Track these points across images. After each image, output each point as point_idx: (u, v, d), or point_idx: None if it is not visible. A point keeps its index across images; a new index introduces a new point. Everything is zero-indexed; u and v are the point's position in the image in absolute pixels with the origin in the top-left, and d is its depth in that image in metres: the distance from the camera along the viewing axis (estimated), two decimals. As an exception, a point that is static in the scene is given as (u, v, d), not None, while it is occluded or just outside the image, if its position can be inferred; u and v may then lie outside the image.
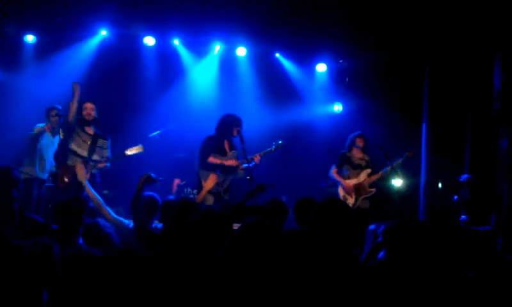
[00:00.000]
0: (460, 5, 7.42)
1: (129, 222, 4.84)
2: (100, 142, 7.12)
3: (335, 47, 9.16)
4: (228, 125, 7.12)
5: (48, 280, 2.48)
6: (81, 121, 7.05)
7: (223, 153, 7.18)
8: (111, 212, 4.71)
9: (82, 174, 5.50)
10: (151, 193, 5.00)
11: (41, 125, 7.25)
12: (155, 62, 9.16)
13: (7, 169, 4.56)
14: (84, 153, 6.96)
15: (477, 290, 2.90)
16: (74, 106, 6.83)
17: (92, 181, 6.79)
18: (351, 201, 7.37)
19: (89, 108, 7.08)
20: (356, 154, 7.56)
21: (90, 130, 7.12)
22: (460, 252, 3.54)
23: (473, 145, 7.92)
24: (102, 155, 7.09)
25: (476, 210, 7.22)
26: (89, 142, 7.02)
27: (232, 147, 7.27)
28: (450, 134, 8.17)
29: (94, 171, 7.02)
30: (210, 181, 6.74)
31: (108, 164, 7.12)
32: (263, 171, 7.64)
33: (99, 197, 4.78)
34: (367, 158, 7.60)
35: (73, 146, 6.95)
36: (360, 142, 7.55)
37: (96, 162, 6.97)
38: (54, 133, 7.30)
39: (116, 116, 7.99)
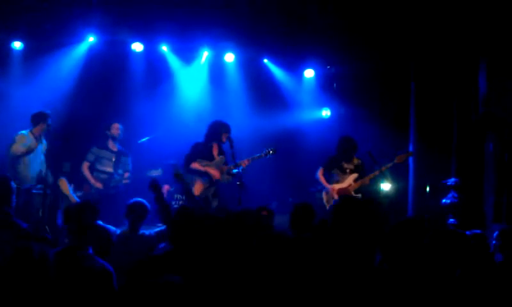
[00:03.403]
0: (446, 11, 7.52)
1: (116, 229, 4.88)
2: (123, 158, 7.83)
3: (322, 53, 9.22)
4: (217, 131, 7.26)
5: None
6: (102, 141, 7.71)
7: (210, 159, 7.25)
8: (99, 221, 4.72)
9: (65, 187, 5.61)
10: (140, 199, 5.02)
11: (25, 132, 7.21)
12: (144, 68, 9.14)
13: (5, 178, 4.50)
14: (110, 170, 7.65)
15: (467, 292, 2.94)
16: None
17: (118, 193, 7.57)
18: None
19: (116, 128, 7.77)
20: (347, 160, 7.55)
21: (114, 147, 7.78)
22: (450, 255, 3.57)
23: (460, 149, 8.00)
24: (126, 170, 7.79)
25: (464, 213, 7.30)
26: (113, 159, 7.71)
27: (220, 152, 7.33)
28: (437, 138, 8.24)
29: (120, 184, 7.65)
30: (196, 189, 6.88)
31: (129, 181, 7.75)
32: (252, 176, 7.68)
33: None
34: (355, 162, 7.56)
35: (98, 167, 7.63)
36: None
37: (121, 177, 7.65)
38: (38, 140, 7.27)
39: (105, 122, 7.97)
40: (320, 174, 7.54)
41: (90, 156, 7.66)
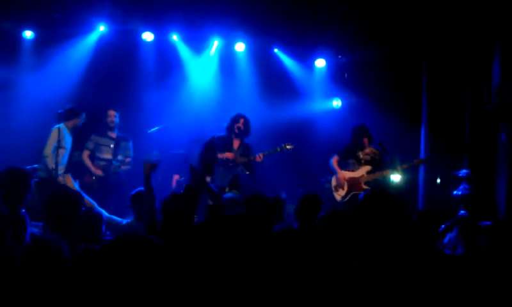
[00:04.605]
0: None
1: (121, 220, 4.91)
2: (123, 144, 7.85)
3: (333, 43, 9.14)
4: (230, 122, 7.52)
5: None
6: (101, 128, 7.76)
7: (229, 150, 7.32)
8: (104, 212, 4.74)
9: (70, 184, 5.69)
10: (142, 188, 5.03)
11: (61, 125, 7.21)
12: (154, 57, 9.13)
13: (26, 174, 4.46)
14: (109, 156, 7.70)
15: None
16: None
17: (121, 179, 7.65)
18: (341, 193, 7.29)
19: (112, 115, 7.80)
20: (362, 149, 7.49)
21: (113, 134, 7.83)
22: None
23: (472, 140, 7.91)
24: (126, 155, 7.84)
25: (475, 205, 7.22)
26: (112, 146, 7.73)
27: (243, 146, 7.48)
28: (449, 128, 8.15)
29: (121, 170, 7.74)
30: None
31: (130, 167, 7.84)
32: (262, 166, 7.67)
33: (91, 200, 4.82)
34: (371, 152, 7.45)
35: (98, 154, 7.71)
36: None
37: (120, 162, 7.73)
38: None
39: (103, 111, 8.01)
40: (334, 161, 7.52)
41: (89, 144, 7.72)
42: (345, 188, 7.27)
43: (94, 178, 7.59)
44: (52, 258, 2.53)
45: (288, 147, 7.43)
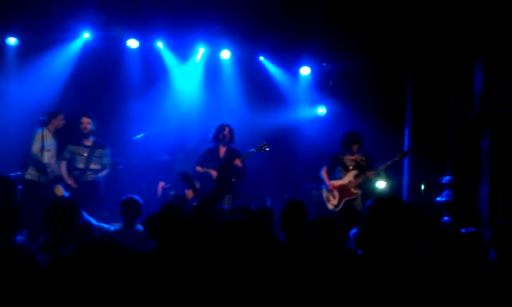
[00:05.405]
0: (443, 8, 7.52)
1: (109, 227, 4.90)
2: (98, 151, 7.63)
3: (318, 50, 9.20)
4: (215, 132, 7.59)
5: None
6: (77, 137, 7.57)
7: (215, 160, 7.47)
8: (92, 220, 4.73)
9: (60, 194, 5.69)
10: (132, 195, 5.02)
11: (39, 130, 7.14)
12: (139, 64, 9.10)
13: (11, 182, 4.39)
14: (82, 166, 7.48)
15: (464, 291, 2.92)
16: None
17: (95, 188, 7.47)
18: (333, 202, 7.33)
19: (86, 122, 7.59)
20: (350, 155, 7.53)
21: (88, 142, 7.63)
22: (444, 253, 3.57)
23: (455, 146, 8.01)
24: (102, 163, 7.61)
25: (459, 211, 7.30)
26: (85, 154, 7.52)
27: (230, 152, 7.50)
28: (432, 136, 8.25)
29: (90, 179, 7.49)
30: (190, 193, 7.00)
31: (102, 176, 7.63)
32: (247, 173, 7.68)
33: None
34: (357, 158, 7.49)
35: (74, 164, 7.48)
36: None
37: (93, 171, 7.51)
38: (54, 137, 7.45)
39: (100, 119, 7.96)
40: (324, 172, 7.55)
41: (66, 154, 7.53)
42: (336, 196, 7.30)
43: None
44: (23, 267, 2.50)
45: (263, 147, 7.47)
